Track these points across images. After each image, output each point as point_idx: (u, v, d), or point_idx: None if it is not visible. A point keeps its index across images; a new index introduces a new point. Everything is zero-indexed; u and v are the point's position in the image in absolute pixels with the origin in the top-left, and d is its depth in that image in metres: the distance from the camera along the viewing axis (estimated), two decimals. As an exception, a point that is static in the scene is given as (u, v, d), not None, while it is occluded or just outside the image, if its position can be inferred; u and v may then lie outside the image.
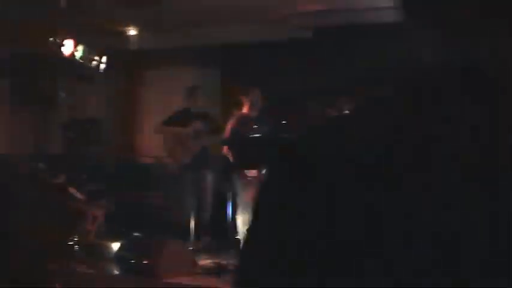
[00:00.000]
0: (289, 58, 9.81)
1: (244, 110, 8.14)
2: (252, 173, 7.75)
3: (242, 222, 7.93)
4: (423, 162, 0.61)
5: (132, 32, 10.58)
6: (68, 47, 9.47)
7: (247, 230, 0.71)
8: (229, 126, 7.99)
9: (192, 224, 8.27)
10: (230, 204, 8.32)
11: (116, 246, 7.46)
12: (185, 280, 6.68)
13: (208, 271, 7.06)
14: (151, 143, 9.76)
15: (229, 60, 10.35)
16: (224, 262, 7.29)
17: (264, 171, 7.49)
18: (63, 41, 9.40)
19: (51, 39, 9.33)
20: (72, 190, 8.18)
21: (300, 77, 9.60)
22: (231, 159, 7.86)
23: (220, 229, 8.50)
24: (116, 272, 7.11)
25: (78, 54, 9.59)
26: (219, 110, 9.73)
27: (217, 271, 7.01)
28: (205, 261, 7.45)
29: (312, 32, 9.78)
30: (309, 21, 9.54)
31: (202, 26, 9.79)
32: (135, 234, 7.77)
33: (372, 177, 0.63)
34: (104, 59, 9.97)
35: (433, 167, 0.61)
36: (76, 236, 7.57)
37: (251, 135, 7.69)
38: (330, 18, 9.34)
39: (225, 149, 7.96)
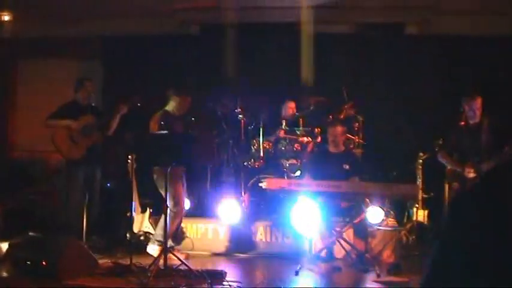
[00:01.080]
0: (177, 51, 9.85)
1: (169, 107, 8.04)
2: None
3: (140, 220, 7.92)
4: None
5: (6, 17, 10.03)
6: None
7: (440, 242, 0.80)
8: (153, 122, 7.85)
9: (84, 222, 8.01)
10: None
11: (4, 246, 7.15)
12: (86, 281, 6.50)
13: (108, 271, 6.92)
14: (33, 138, 9.38)
15: (113, 53, 10.17)
16: (123, 262, 7.18)
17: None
18: None
19: None
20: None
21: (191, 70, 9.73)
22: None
23: (110, 227, 8.40)
24: (5, 274, 6.78)
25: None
26: (102, 104, 9.50)
27: (117, 271, 6.89)
28: (105, 262, 7.29)
29: (200, 27, 9.84)
30: (196, 17, 9.61)
31: (86, 18, 9.54)
32: (30, 233, 7.42)
33: None
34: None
35: None
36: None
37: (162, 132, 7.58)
38: (218, 15, 9.44)
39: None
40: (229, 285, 6.48)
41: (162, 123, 7.71)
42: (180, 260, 7.01)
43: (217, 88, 9.59)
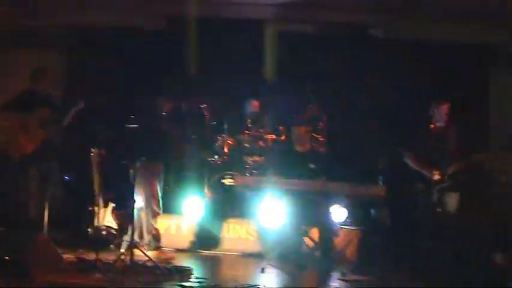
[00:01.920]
0: (141, 45, 9.78)
1: None
2: None
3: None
4: None
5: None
6: None
7: None
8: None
9: (45, 217, 7.83)
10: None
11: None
12: (52, 278, 6.31)
13: (73, 267, 6.79)
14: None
15: (75, 44, 10.01)
16: (86, 257, 7.10)
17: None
18: None
19: None
20: None
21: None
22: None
23: (72, 221, 8.28)
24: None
25: None
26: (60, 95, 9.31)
27: (83, 267, 6.77)
28: (69, 257, 7.18)
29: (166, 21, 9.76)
30: (162, 11, 9.54)
31: (47, 8, 9.36)
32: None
33: None
34: None
35: None
36: None
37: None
38: (184, 10, 9.38)
39: None
40: (198, 281, 6.45)
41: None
42: (147, 256, 6.95)
43: (182, 83, 9.52)
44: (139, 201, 7.96)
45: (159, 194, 8.00)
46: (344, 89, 10.11)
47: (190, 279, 6.56)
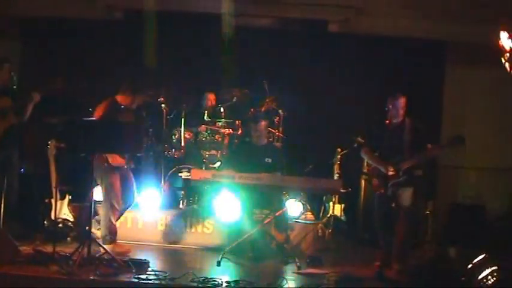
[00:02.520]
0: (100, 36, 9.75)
1: (118, 97, 7.88)
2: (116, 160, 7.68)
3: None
4: None
5: None
6: None
7: None
8: (100, 109, 7.70)
9: (1, 207, 7.79)
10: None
11: None
12: (7, 269, 6.35)
13: (30, 259, 6.76)
14: None
15: (34, 35, 9.93)
16: (43, 249, 7.06)
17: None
18: None
19: None
20: None
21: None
22: None
23: (28, 213, 8.24)
24: None
25: None
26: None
27: (40, 259, 6.75)
28: (26, 249, 7.13)
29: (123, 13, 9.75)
30: (121, 3, 9.52)
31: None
32: None
33: None
34: None
35: None
36: None
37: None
38: (142, 2, 9.38)
39: None
40: (155, 274, 6.49)
41: (109, 112, 7.65)
42: (103, 248, 6.97)
43: (139, 75, 9.51)
44: (98, 194, 7.98)
45: (120, 189, 7.95)
46: (301, 84, 10.20)
47: (147, 272, 6.59)
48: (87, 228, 7.07)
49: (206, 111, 9.65)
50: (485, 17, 9.09)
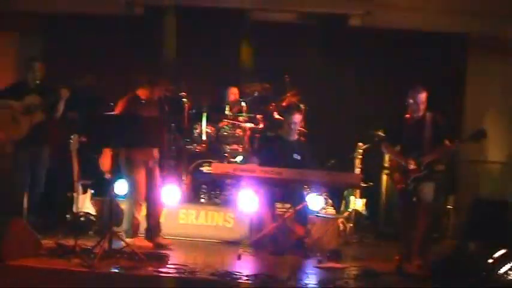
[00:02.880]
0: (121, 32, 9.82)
1: (139, 91, 7.94)
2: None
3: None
4: None
5: None
6: None
7: None
8: (120, 104, 7.77)
9: (25, 202, 7.88)
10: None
11: None
12: (30, 262, 6.42)
13: (52, 252, 6.84)
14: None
15: (56, 31, 10.02)
16: (65, 243, 7.13)
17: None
18: None
19: None
20: None
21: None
22: None
23: (51, 207, 8.33)
24: None
25: None
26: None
27: (61, 252, 6.81)
28: (48, 242, 7.20)
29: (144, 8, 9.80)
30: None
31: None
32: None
33: None
34: None
35: None
36: None
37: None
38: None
39: None
40: (175, 268, 6.52)
41: (130, 106, 7.72)
42: (124, 242, 7.04)
43: (161, 70, 9.55)
44: (122, 189, 8.06)
45: (143, 185, 7.94)
46: (321, 79, 10.18)
47: (167, 266, 6.64)
48: (108, 222, 7.15)
49: (228, 106, 9.69)
50: (506, 10, 9.03)
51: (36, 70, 8.13)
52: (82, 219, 8.23)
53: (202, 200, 9.11)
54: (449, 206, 9.28)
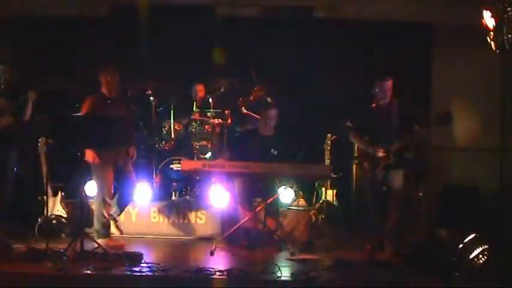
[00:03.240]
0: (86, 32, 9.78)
1: (103, 89, 7.89)
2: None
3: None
4: None
5: None
6: None
7: None
8: (85, 106, 7.72)
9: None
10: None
11: None
12: (1, 267, 6.35)
13: (23, 257, 6.78)
14: None
15: (21, 33, 9.93)
16: (37, 246, 7.07)
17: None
18: None
19: None
20: None
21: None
22: None
23: (21, 211, 8.26)
24: None
25: None
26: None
27: (33, 256, 6.76)
28: (19, 247, 7.13)
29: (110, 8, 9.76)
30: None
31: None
32: None
33: None
34: None
35: None
36: None
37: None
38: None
39: None
40: (148, 266, 6.50)
41: (96, 106, 7.68)
42: (96, 242, 6.99)
43: (127, 69, 9.51)
44: (91, 190, 8.02)
45: (112, 184, 7.98)
46: (289, 72, 10.18)
47: (140, 265, 6.61)
48: (79, 223, 7.10)
49: (195, 102, 9.68)
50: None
51: (2, 73, 8.05)
52: (53, 222, 8.16)
53: (173, 198, 9.10)
54: (420, 193, 9.33)
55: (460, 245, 6.45)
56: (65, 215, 8.28)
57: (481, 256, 6.26)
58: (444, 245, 6.87)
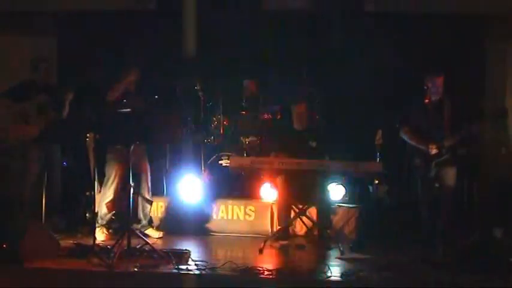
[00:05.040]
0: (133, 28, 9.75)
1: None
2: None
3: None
4: None
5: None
6: None
7: None
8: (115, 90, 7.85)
9: (43, 202, 7.83)
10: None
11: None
12: (48, 263, 6.38)
13: (71, 253, 6.79)
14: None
15: (67, 30, 9.96)
16: (85, 242, 7.08)
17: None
18: None
19: None
20: None
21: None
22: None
23: (70, 206, 8.30)
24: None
25: None
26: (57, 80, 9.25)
27: (80, 252, 6.75)
28: (66, 243, 7.16)
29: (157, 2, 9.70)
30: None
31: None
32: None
33: None
34: None
35: None
36: None
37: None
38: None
39: None
40: (195, 264, 6.44)
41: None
42: (144, 240, 6.95)
43: (175, 65, 9.47)
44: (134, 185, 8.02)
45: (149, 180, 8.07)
46: (338, 67, 10.04)
47: (188, 263, 6.56)
48: (127, 219, 7.08)
49: (245, 98, 9.62)
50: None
51: (42, 70, 8.07)
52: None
53: (221, 194, 9.03)
54: (473, 191, 9.10)
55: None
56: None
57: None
58: (499, 245, 6.68)
